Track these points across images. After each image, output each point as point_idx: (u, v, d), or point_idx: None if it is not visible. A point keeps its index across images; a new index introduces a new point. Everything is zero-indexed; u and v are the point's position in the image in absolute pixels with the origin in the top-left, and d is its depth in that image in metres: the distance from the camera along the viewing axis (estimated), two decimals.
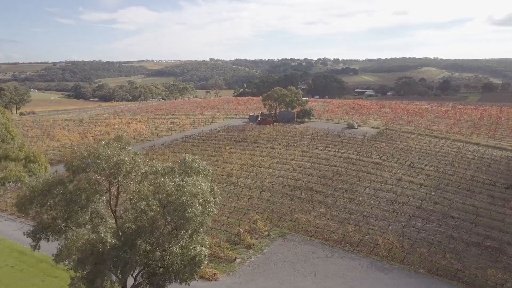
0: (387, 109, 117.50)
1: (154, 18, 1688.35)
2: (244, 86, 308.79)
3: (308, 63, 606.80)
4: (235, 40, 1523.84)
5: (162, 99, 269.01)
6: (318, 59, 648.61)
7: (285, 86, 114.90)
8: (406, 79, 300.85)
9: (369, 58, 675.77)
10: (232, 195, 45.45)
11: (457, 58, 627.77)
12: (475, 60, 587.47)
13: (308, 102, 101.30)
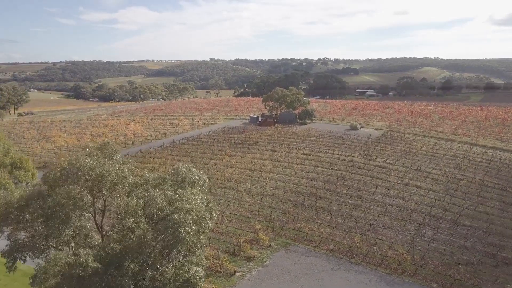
0: (390, 109, 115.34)
1: (155, 18, 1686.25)
2: (245, 86, 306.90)
3: (308, 63, 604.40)
4: (236, 40, 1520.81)
5: (162, 99, 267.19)
6: (319, 59, 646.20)
7: (285, 86, 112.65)
8: (407, 79, 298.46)
9: (369, 58, 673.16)
10: (231, 202, 43.34)
11: (457, 58, 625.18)
12: (476, 60, 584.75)
13: (309, 102, 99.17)
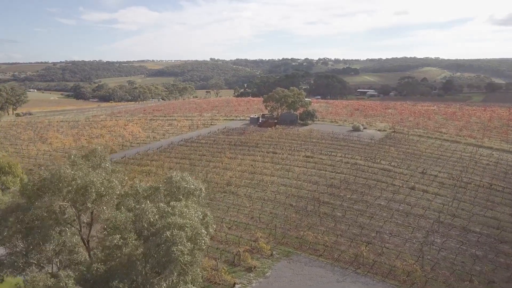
0: (393, 110, 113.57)
1: (155, 18, 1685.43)
2: (245, 86, 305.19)
3: (309, 63, 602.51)
4: (236, 40, 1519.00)
5: (162, 99, 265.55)
6: (319, 59, 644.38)
7: (286, 86, 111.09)
8: (408, 79, 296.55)
9: (370, 58, 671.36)
10: (231, 207, 41.61)
11: (458, 58, 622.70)
12: (477, 60, 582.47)
13: (311, 103, 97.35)
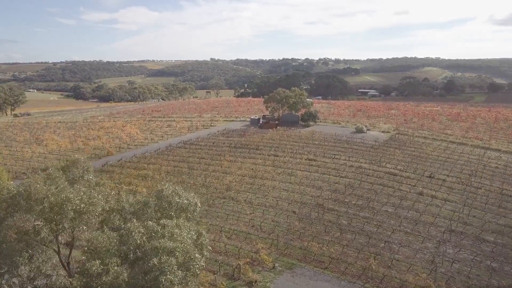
0: (396, 111, 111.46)
1: (155, 18, 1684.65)
2: (245, 86, 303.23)
3: (309, 63, 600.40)
4: (236, 40, 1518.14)
5: (161, 100, 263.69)
6: (319, 59, 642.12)
7: (286, 87, 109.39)
8: (410, 79, 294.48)
9: (370, 58, 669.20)
10: (230, 215, 39.54)
11: (458, 58, 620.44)
12: (477, 60, 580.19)
13: (313, 104, 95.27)
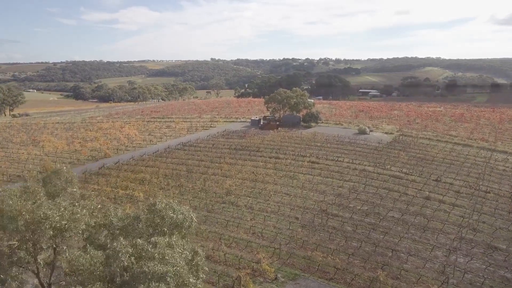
0: (398, 111, 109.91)
1: (155, 18, 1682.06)
2: (245, 86, 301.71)
3: (309, 63, 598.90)
4: (236, 40, 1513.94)
5: (161, 100, 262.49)
6: (320, 59, 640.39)
7: (287, 87, 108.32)
8: (411, 79, 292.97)
9: (371, 58, 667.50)
10: (230, 221, 37.97)
11: (459, 58, 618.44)
12: (478, 60, 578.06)
13: (314, 104, 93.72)
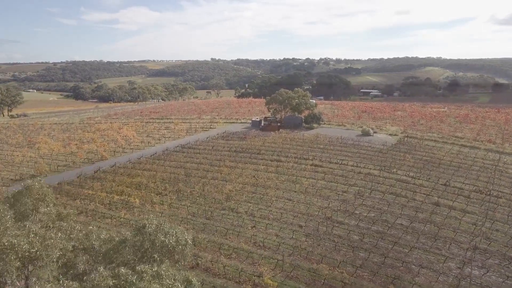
0: (402, 112, 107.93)
1: (156, 18, 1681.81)
2: (246, 86, 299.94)
3: (310, 63, 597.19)
4: (237, 40, 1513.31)
5: (161, 100, 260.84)
6: (320, 59, 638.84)
7: (288, 87, 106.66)
8: (413, 79, 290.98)
9: (371, 58, 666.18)
10: (230, 229, 36.00)
11: (460, 58, 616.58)
12: (479, 60, 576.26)
13: (316, 105, 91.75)
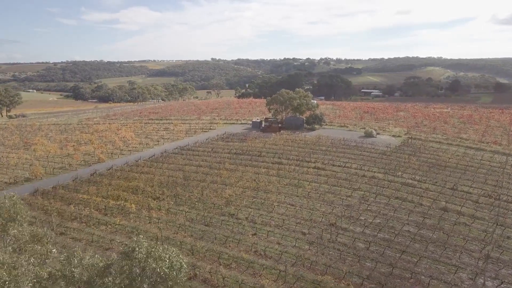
0: (405, 113, 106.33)
1: (156, 18, 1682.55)
2: (246, 86, 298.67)
3: (310, 62, 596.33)
4: (237, 40, 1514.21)
5: (161, 100, 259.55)
6: (321, 59, 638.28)
7: (288, 87, 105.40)
8: (414, 79, 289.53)
9: (372, 58, 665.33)
10: (230, 237, 34.39)
11: (461, 58, 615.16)
12: (480, 60, 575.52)
13: (318, 106, 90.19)
